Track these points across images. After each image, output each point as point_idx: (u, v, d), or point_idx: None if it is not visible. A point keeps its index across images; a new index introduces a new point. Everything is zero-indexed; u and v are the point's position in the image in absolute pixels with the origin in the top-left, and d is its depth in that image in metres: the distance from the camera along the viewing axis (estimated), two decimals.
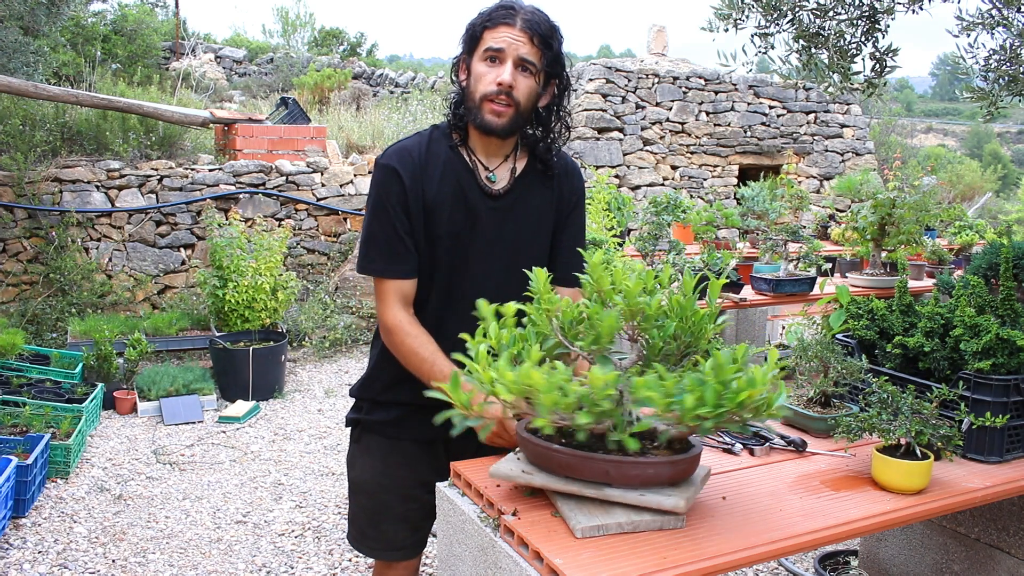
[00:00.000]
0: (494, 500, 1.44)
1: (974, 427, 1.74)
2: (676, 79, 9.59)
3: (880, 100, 2.42)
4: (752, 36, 2.28)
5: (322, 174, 7.26)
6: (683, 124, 9.60)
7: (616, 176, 9.12)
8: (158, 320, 5.86)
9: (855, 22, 2.23)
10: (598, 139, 9.14)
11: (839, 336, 2.15)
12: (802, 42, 2.28)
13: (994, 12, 2.06)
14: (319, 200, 7.20)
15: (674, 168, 9.62)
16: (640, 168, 9.36)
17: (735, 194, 6.85)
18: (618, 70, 9.31)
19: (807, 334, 2.18)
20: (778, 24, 2.25)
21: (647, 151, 9.43)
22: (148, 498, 3.77)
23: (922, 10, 2.21)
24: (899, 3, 2.19)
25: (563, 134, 1.88)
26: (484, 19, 1.74)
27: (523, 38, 1.71)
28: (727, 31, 2.27)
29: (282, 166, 7.07)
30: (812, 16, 2.24)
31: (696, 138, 9.67)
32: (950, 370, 1.88)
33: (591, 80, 9.21)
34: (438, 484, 1.60)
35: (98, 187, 6.43)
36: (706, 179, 9.70)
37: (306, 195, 7.15)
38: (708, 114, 9.73)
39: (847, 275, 4.39)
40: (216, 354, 5.28)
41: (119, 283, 6.40)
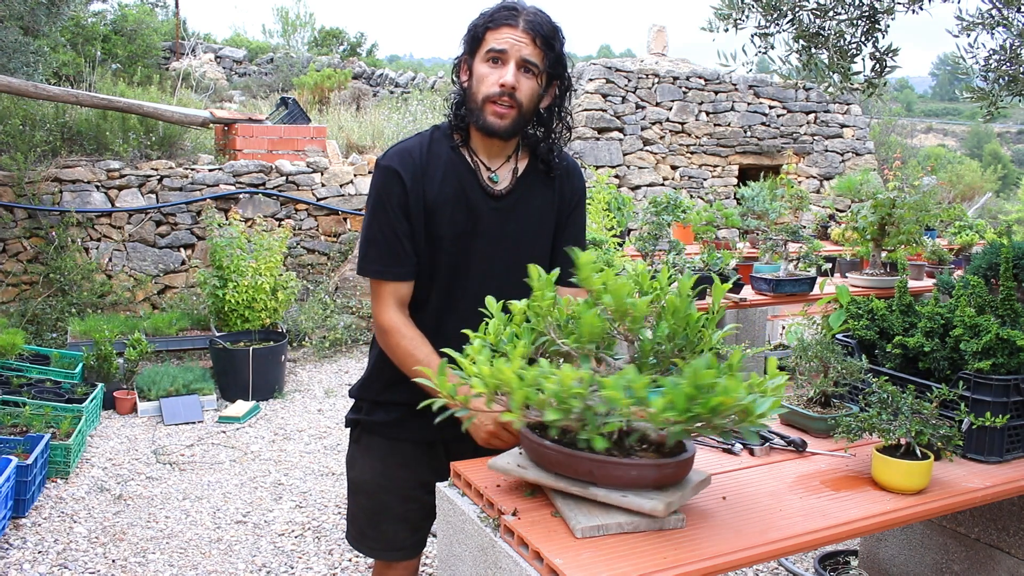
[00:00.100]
0: (494, 500, 1.44)
1: (974, 427, 1.74)
2: (676, 79, 9.59)
3: (880, 100, 2.42)
4: (752, 36, 2.28)
5: (322, 174, 7.26)
6: (683, 124, 9.60)
7: (616, 176, 9.12)
8: (158, 320, 5.86)
9: (855, 22, 2.23)
10: (598, 139, 9.14)
11: (839, 336, 2.15)
12: (802, 42, 2.28)
13: (994, 12, 2.06)
14: (319, 200, 7.20)
15: (674, 168, 9.62)
16: (640, 168, 9.36)
17: (735, 194, 6.85)
18: (618, 70, 9.31)
19: (807, 334, 2.18)
20: (778, 24, 2.25)
21: (647, 151, 9.43)
22: (148, 498, 3.77)
23: (922, 10, 2.21)
24: (899, 3, 2.19)
25: (564, 135, 1.88)
26: (486, 20, 1.74)
27: (526, 39, 1.71)
28: (727, 31, 2.27)
29: (282, 166, 7.07)
30: (812, 16, 2.24)
31: (696, 138, 9.67)
32: (950, 370, 1.88)
33: (591, 80, 9.21)
34: (438, 484, 1.60)
35: (98, 187, 6.43)
36: (706, 179, 9.70)
37: (306, 195, 7.15)
38: (708, 114, 9.73)
39: (847, 275, 4.39)
40: (216, 354, 5.28)
41: (119, 283, 6.40)
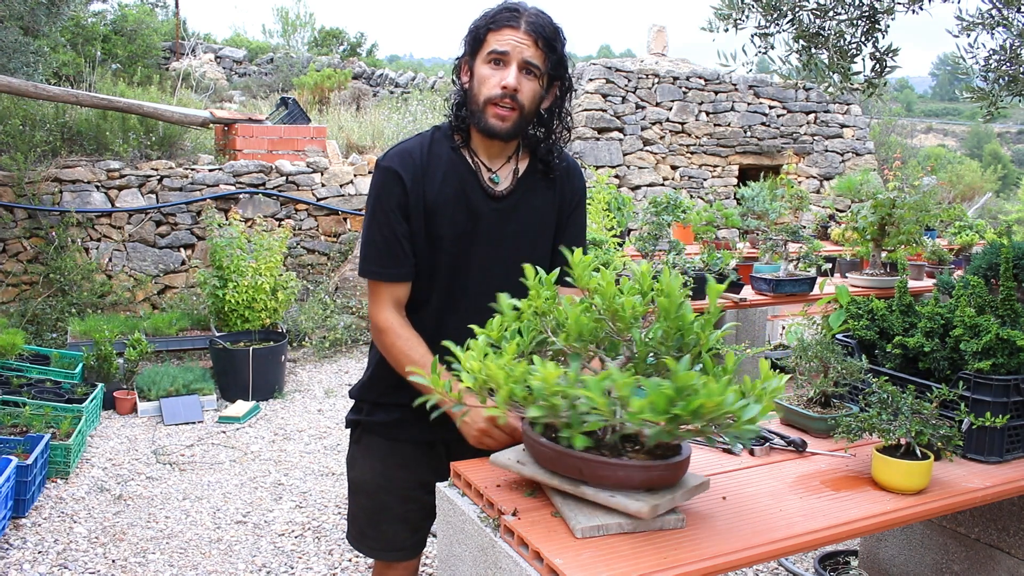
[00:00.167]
0: (494, 500, 1.44)
1: (974, 427, 1.74)
2: (676, 79, 9.59)
3: (880, 100, 2.42)
4: (752, 36, 2.28)
5: (322, 174, 7.26)
6: (683, 124, 9.60)
7: (616, 176, 9.12)
8: (158, 320, 5.86)
9: (855, 22, 2.23)
10: (598, 139, 9.14)
11: (839, 336, 2.15)
12: (802, 42, 2.28)
13: (994, 12, 2.06)
14: (319, 200, 7.20)
15: (674, 168, 9.62)
16: (640, 168, 9.36)
17: (735, 194, 6.85)
18: (618, 70, 9.31)
19: (807, 334, 2.18)
20: (778, 24, 2.25)
21: (647, 151, 9.43)
22: (148, 498, 3.77)
23: (922, 10, 2.21)
24: (899, 3, 2.19)
25: (564, 135, 1.88)
26: (488, 21, 1.73)
27: (528, 41, 1.70)
28: (727, 31, 2.27)
29: (282, 166, 7.07)
30: (812, 16, 2.24)
31: (696, 138, 9.67)
32: (950, 370, 1.88)
33: (591, 80, 9.21)
34: (438, 484, 1.60)
35: (98, 187, 6.43)
36: (706, 179, 9.70)
37: (306, 195, 7.15)
38: (708, 114, 9.73)
39: (847, 275, 4.39)
40: (216, 354, 5.28)
41: (119, 283, 6.40)
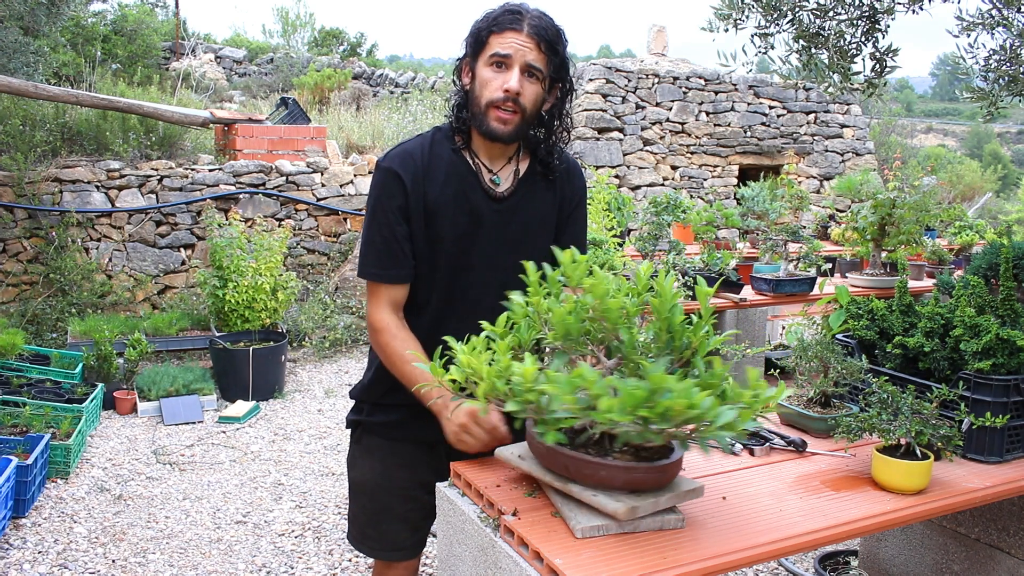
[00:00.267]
0: (494, 500, 1.44)
1: (974, 427, 1.74)
2: (676, 79, 9.59)
3: (880, 100, 2.42)
4: (752, 36, 2.28)
5: (322, 174, 7.26)
6: (683, 124, 9.60)
7: (616, 176, 9.12)
8: (158, 320, 5.86)
9: (855, 22, 2.23)
10: (598, 139, 9.14)
11: (839, 336, 2.15)
12: (802, 42, 2.28)
13: (994, 12, 2.06)
14: (319, 200, 7.20)
15: (674, 168, 9.62)
16: (640, 168, 9.36)
17: (735, 194, 6.85)
18: (618, 70, 9.31)
19: (807, 334, 2.18)
20: (778, 24, 2.25)
21: (647, 151, 9.43)
22: (148, 498, 3.77)
23: (922, 10, 2.21)
24: (899, 3, 2.18)
25: (564, 136, 1.88)
26: (490, 23, 1.72)
27: (530, 44, 1.70)
28: (727, 31, 2.27)
29: (282, 166, 7.07)
30: (812, 16, 2.24)
31: (696, 138, 9.67)
32: (950, 370, 1.88)
33: (591, 80, 9.21)
34: (438, 484, 1.60)
35: (98, 187, 6.43)
36: (706, 179, 9.70)
37: (306, 195, 7.15)
38: (708, 114, 9.73)
39: (847, 275, 4.39)
40: (216, 354, 5.28)
41: (119, 283, 6.40)
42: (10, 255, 6.16)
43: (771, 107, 10.04)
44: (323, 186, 7.25)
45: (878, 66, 2.30)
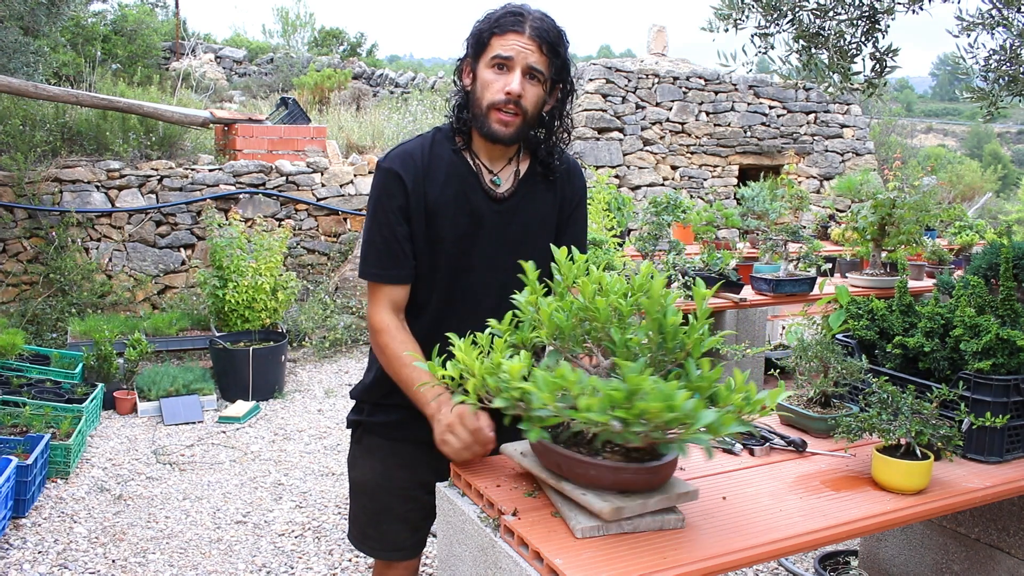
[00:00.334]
0: (494, 500, 1.44)
1: (974, 427, 1.74)
2: (676, 79, 9.59)
3: (880, 100, 2.42)
4: (752, 36, 2.28)
5: (322, 174, 7.26)
6: (683, 124, 9.60)
7: (616, 176, 9.12)
8: (158, 320, 5.86)
9: (855, 22, 2.23)
10: (598, 139, 9.14)
11: (839, 336, 2.15)
12: (802, 42, 2.28)
13: (994, 12, 2.07)
14: (319, 200, 7.20)
15: (674, 168, 9.62)
16: (640, 168, 9.36)
17: (735, 194, 6.85)
18: (618, 70, 9.31)
19: (807, 334, 2.18)
20: (778, 24, 2.25)
21: (647, 151, 9.43)
22: (148, 498, 3.77)
23: (922, 10, 2.21)
24: (899, 3, 2.19)
25: (564, 137, 1.88)
26: (492, 25, 1.72)
27: (532, 46, 1.70)
28: (727, 31, 2.27)
29: (282, 166, 7.07)
30: (812, 16, 2.24)
31: (696, 138, 9.67)
32: (950, 370, 1.88)
33: (591, 80, 9.21)
34: (438, 484, 1.60)
35: (98, 187, 6.43)
36: (706, 179, 9.70)
37: (306, 195, 7.15)
38: (708, 114, 9.73)
39: (847, 275, 4.39)
40: (216, 354, 5.28)
41: (119, 283, 6.40)
42: (10, 255, 6.16)
43: (771, 107, 10.04)
44: (323, 186, 7.25)
45: (878, 66, 2.30)
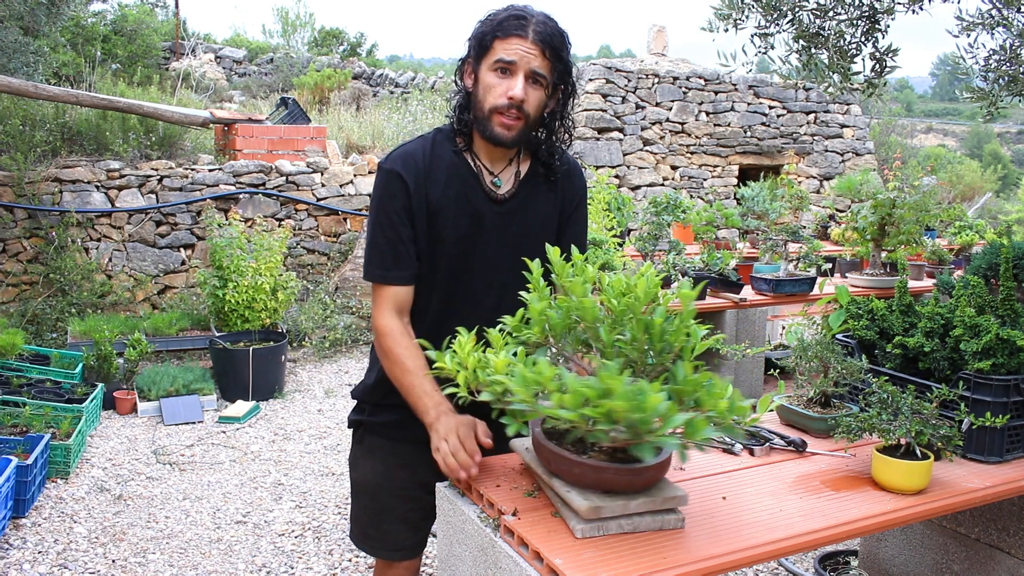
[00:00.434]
0: (494, 500, 1.44)
1: (974, 427, 1.74)
2: (676, 79, 9.59)
3: (880, 100, 2.42)
4: (752, 36, 2.28)
5: (322, 174, 7.26)
6: (683, 124, 9.60)
7: (616, 176, 9.12)
8: (158, 320, 5.86)
9: (855, 22, 2.23)
10: (598, 139, 9.14)
11: (839, 336, 2.15)
12: (802, 42, 2.28)
13: (994, 12, 2.07)
14: (319, 200, 7.20)
15: (674, 168, 9.62)
16: (640, 168, 9.36)
17: (735, 194, 6.85)
18: (618, 70, 9.31)
19: (807, 334, 2.18)
20: (778, 24, 2.25)
21: (647, 151, 9.43)
22: (148, 498, 3.77)
23: (922, 10, 2.21)
24: (899, 3, 2.19)
25: (565, 138, 1.88)
26: (494, 28, 1.71)
27: (535, 51, 1.69)
28: (727, 31, 2.27)
29: (282, 166, 7.07)
30: (812, 16, 2.24)
31: (696, 138, 9.67)
32: (950, 370, 1.88)
33: (591, 80, 9.21)
34: (438, 484, 1.60)
35: (98, 187, 6.43)
36: (706, 179, 9.70)
37: (306, 195, 7.15)
38: (708, 114, 9.73)
39: (847, 275, 4.40)
40: (216, 354, 5.28)
41: (119, 283, 6.40)
42: (10, 255, 6.16)
43: (771, 107, 10.04)
44: (323, 186, 7.25)
45: (878, 66, 2.31)
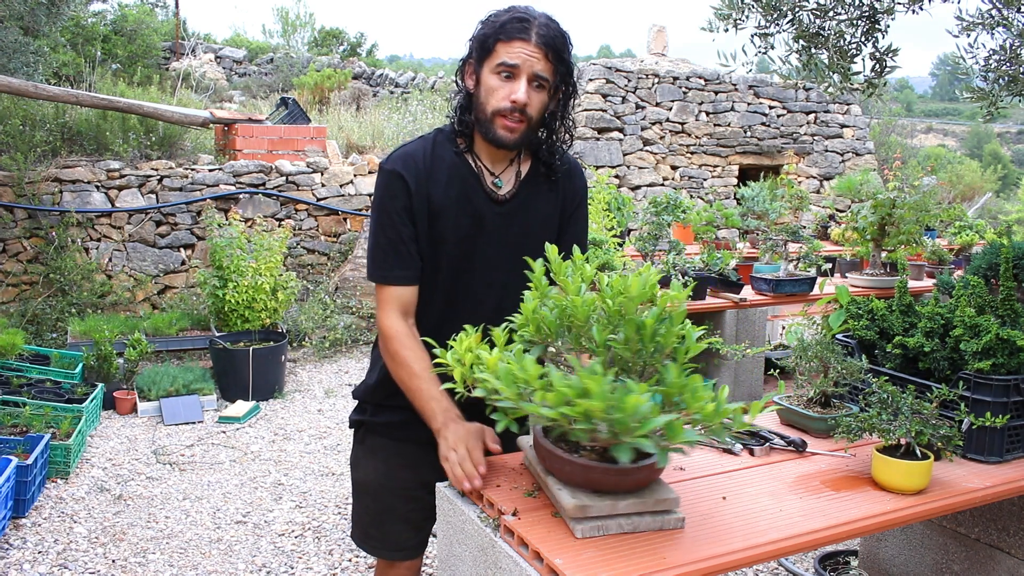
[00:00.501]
0: (494, 500, 1.44)
1: (974, 427, 1.74)
2: (676, 79, 9.59)
3: (880, 100, 2.42)
4: (752, 36, 2.28)
5: (322, 174, 7.26)
6: (683, 124, 9.60)
7: (616, 176, 9.12)
8: (158, 320, 5.86)
9: (855, 22, 2.23)
10: (598, 139, 9.14)
11: (839, 336, 2.15)
12: (802, 42, 2.28)
13: (994, 12, 2.07)
14: (319, 200, 7.20)
15: (674, 168, 9.62)
16: (640, 168, 9.36)
17: (735, 194, 6.85)
18: (618, 70, 9.31)
19: (807, 334, 2.18)
20: (778, 24, 2.25)
21: (647, 151, 9.43)
22: (148, 498, 3.77)
23: (922, 10, 2.21)
24: (899, 3, 2.19)
25: (565, 138, 1.88)
26: (498, 31, 1.70)
27: (538, 54, 1.69)
28: (727, 31, 2.27)
29: (282, 166, 7.07)
30: (812, 16, 2.24)
31: (696, 138, 9.67)
32: (950, 370, 1.88)
33: (591, 80, 9.21)
34: (438, 484, 1.60)
35: (98, 187, 6.43)
36: (706, 179, 9.70)
37: (306, 195, 7.15)
38: (708, 114, 9.73)
39: (847, 275, 4.39)
40: (216, 354, 5.28)
41: (119, 283, 6.40)
42: (10, 255, 6.16)
43: (771, 107, 10.04)
44: (323, 186, 7.25)
45: (878, 66, 2.31)
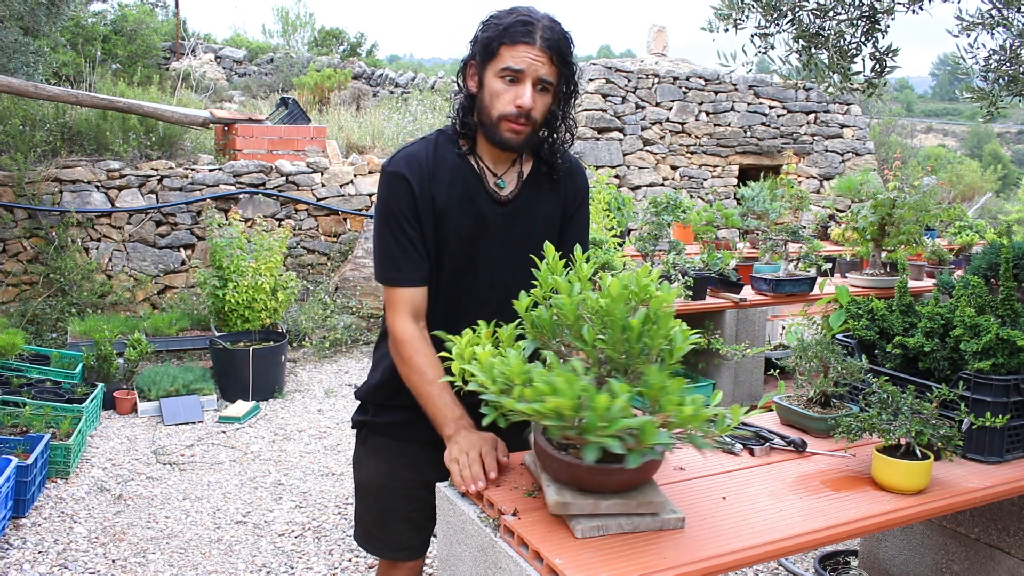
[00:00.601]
0: (494, 500, 1.44)
1: (974, 427, 1.74)
2: (676, 79, 9.58)
3: (880, 100, 2.42)
4: (752, 36, 2.28)
5: (322, 174, 7.26)
6: (683, 124, 9.60)
7: (616, 176, 9.12)
8: (158, 320, 5.86)
9: (855, 22, 2.23)
10: (598, 139, 9.14)
11: (839, 336, 2.15)
12: (802, 42, 2.28)
13: (994, 12, 2.07)
14: (319, 200, 7.20)
15: (674, 168, 9.62)
16: (640, 168, 9.36)
17: (735, 194, 6.85)
18: (618, 70, 9.31)
19: (807, 334, 2.18)
20: (778, 24, 2.25)
21: (647, 151, 9.43)
22: (148, 498, 3.77)
23: (922, 10, 2.21)
24: (899, 3, 2.19)
25: (567, 138, 1.87)
26: (501, 34, 1.69)
27: (543, 58, 1.68)
28: (727, 31, 2.27)
29: (282, 166, 7.07)
30: (812, 16, 2.24)
31: (696, 138, 9.67)
32: (950, 370, 1.88)
33: (591, 80, 9.21)
34: (438, 484, 1.60)
35: (98, 187, 6.43)
36: (706, 179, 9.70)
37: (306, 195, 7.15)
38: (708, 114, 9.73)
39: (847, 275, 4.39)
40: (216, 354, 5.28)
41: (119, 283, 6.40)
42: (10, 255, 6.16)
43: (771, 107, 10.04)
44: (323, 186, 7.25)
45: (878, 66, 2.31)
